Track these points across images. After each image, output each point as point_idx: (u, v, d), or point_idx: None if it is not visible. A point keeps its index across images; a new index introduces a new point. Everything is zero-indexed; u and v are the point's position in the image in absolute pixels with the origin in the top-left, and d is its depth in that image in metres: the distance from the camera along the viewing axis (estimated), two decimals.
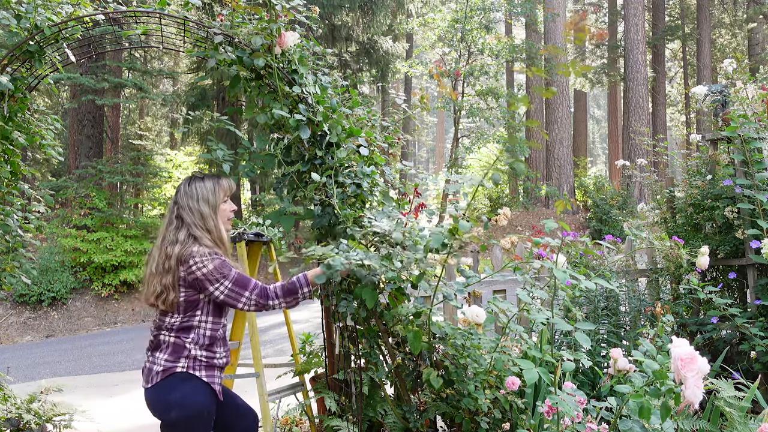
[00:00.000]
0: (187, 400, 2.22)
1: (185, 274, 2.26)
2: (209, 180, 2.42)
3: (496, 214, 2.52)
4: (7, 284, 3.53)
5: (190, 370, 2.25)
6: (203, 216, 2.35)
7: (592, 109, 40.23)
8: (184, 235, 2.32)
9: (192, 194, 2.37)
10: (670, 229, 4.25)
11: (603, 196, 15.77)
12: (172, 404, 2.22)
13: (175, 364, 2.24)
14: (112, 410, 4.95)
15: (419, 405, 2.89)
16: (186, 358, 2.25)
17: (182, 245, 2.29)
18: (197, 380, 2.25)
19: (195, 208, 2.35)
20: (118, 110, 14.91)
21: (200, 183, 2.40)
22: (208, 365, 2.29)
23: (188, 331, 2.29)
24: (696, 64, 22.15)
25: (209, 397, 2.28)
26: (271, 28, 2.74)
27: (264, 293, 2.31)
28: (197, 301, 2.30)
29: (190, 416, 2.22)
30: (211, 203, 2.38)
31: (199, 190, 2.38)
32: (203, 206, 2.36)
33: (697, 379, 1.95)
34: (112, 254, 11.57)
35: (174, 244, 2.30)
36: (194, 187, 2.39)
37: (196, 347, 2.27)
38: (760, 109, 3.81)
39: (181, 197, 2.38)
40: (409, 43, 20.68)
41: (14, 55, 3.04)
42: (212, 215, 2.37)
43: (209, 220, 2.36)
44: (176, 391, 2.23)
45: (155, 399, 2.25)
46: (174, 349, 2.27)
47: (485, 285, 3.43)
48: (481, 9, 14.17)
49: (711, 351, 3.83)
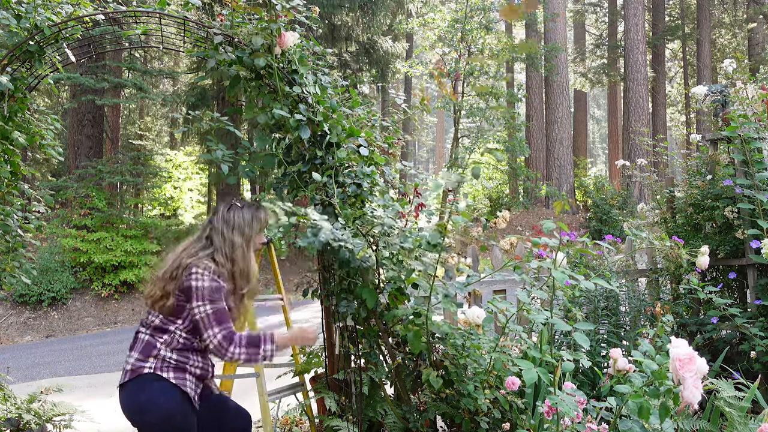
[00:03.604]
0: (153, 402, 2.18)
1: (184, 278, 2.25)
2: (248, 210, 2.40)
3: (496, 216, 2.52)
4: (7, 284, 3.53)
5: (157, 371, 2.20)
6: (234, 245, 2.33)
7: (592, 109, 40.23)
8: (205, 254, 2.31)
9: (228, 220, 2.35)
10: (670, 229, 4.25)
11: (603, 196, 15.76)
12: (140, 407, 2.19)
13: (143, 363, 2.21)
14: (112, 410, 4.95)
15: (419, 405, 2.89)
16: (155, 358, 2.22)
17: (197, 259, 2.28)
18: (165, 381, 2.20)
19: (228, 235, 2.34)
20: (118, 110, 14.91)
21: (239, 211, 2.38)
22: (178, 368, 2.24)
23: (163, 333, 2.26)
24: (696, 64, 22.15)
25: (179, 399, 2.21)
26: (271, 28, 2.74)
27: (230, 339, 2.21)
28: (183, 309, 2.26)
29: (160, 418, 2.18)
30: (246, 235, 2.36)
31: (236, 219, 2.36)
32: (236, 236, 2.34)
33: (696, 380, 1.95)
34: (112, 254, 11.57)
35: (190, 257, 2.29)
36: (232, 215, 2.36)
37: (166, 348, 2.24)
38: (760, 109, 3.81)
39: (217, 221, 2.37)
40: (409, 43, 20.68)
41: (14, 55, 3.04)
42: (243, 246, 2.35)
43: (239, 251, 2.33)
44: (143, 392, 2.19)
45: (124, 400, 2.23)
46: (145, 347, 2.24)
47: (485, 285, 3.43)
48: (481, 9, 14.16)
49: (711, 351, 3.83)
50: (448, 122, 33.66)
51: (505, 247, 2.57)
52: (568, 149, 19.05)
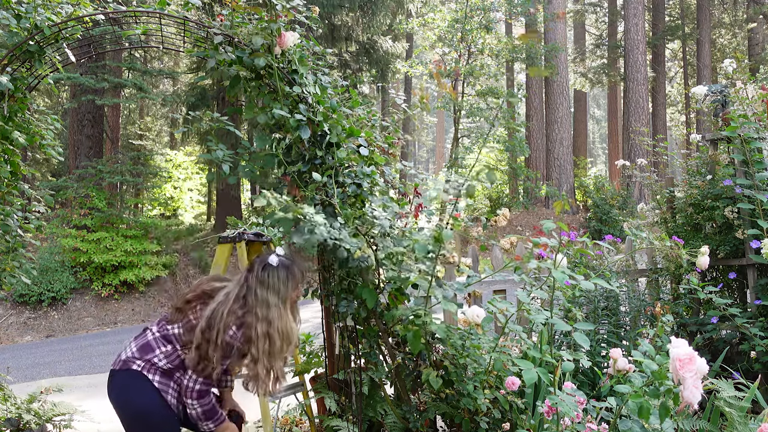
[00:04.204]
0: (131, 400, 2.24)
1: (224, 332, 2.24)
2: (282, 270, 2.35)
3: (496, 214, 2.52)
4: (7, 284, 3.53)
5: (144, 371, 2.25)
6: (268, 305, 2.28)
7: (592, 109, 40.22)
8: (242, 322, 2.28)
9: (263, 280, 2.32)
10: (670, 229, 4.25)
11: (603, 196, 15.76)
12: (124, 401, 2.26)
13: (134, 360, 2.27)
14: (112, 410, 4.95)
15: (419, 405, 2.89)
16: (146, 361, 2.27)
17: (236, 330, 2.26)
18: (148, 383, 2.24)
19: (262, 296, 2.29)
20: (118, 110, 14.90)
21: (273, 271, 2.33)
22: (164, 374, 2.27)
23: (169, 344, 2.31)
24: (696, 64, 22.15)
25: (158, 402, 2.24)
26: (271, 28, 2.73)
27: (201, 393, 2.27)
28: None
29: (134, 415, 2.23)
30: (282, 295, 2.32)
31: (271, 279, 2.32)
32: (271, 296, 2.30)
33: (696, 380, 1.95)
34: (112, 254, 11.57)
35: (227, 328, 2.24)
36: (266, 274, 2.33)
37: (163, 358, 2.28)
38: (760, 109, 3.81)
39: (252, 279, 2.33)
40: (409, 43, 20.67)
41: (14, 55, 3.04)
42: (279, 305, 2.31)
43: (273, 310, 2.29)
44: (127, 387, 2.26)
45: (111, 390, 2.29)
46: (144, 347, 2.30)
47: (485, 285, 3.43)
48: (481, 9, 14.15)
49: (711, 351, 3.83)
50: (448, 122, 33.66)
51: (505, 246, 2.57)
52: (568, 149, 19.04)
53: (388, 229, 2.67)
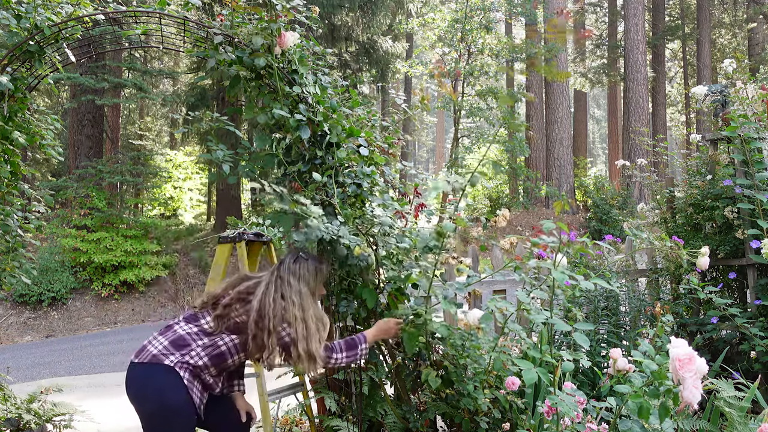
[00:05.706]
0: (159, 394, 2.22)
1: (274, 319, 2.32)
2: (312, 262, 2.49)
3: (496, 214, 2.52)
4: (7, 284, 3.53)
5: (176, 367, 2.24)
6: (300, 293, 2.41)
7: (592, 109, 40.22)
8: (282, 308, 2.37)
9: (294, 271, 2.44)
10: (670, 229, 4.25)
11: (603, 196, 15.74)
12: (144, 394, 2.23)
13: (166, 356, 2.25)
14: (112, 410, 4.95)
15: (419, 405, 2.89)
16: (182, 355, 2.25)
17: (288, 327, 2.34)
18: (180, 379, 2.24)
19: (294, 285, 2.41)
20: (118, 110, 14.90)
21: (303, 263, 2.47)
22: (194, 374, 2.29)
23: (207, 336, 2.32)
24: (696, 64, 22.15)
25: (184, 399, 2.25)
26: (271, 28, 2.74)
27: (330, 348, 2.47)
28: (246, 329, 2.33)
29: (159, 409, 2.21)
30: (311, 286, 2.46)
31: (302, 270, 2.45)
32: (302, 285, 2.43)
33: (695, 380, 1.95)
34: (112, 254, 11.57)
35: (276, 315, 2.33)
36: (298, 266, 2.46)
37: (201, 351, 2.29)
38: (760, 109, 3.81)
39: (284, 270, 2.45)
40: (409, 43, 20.66)
41: (14, 55, 3.04)
42: (309, 295, 2.43)
43: (306, 298, 2.41)
44: (153, 381, 2.23)
45: (133, 380, 2.26)
46: (177, 340, 2.29)
47: (485, 285, 3.43)
48: (481, 9, 14.15)
49: (711, 351, 3.83)
50: (448, 122, 33.65)
51: (505, 246, 2.57)
52: (568, 149, 19.04)
53: (388, 228, 2.68)
